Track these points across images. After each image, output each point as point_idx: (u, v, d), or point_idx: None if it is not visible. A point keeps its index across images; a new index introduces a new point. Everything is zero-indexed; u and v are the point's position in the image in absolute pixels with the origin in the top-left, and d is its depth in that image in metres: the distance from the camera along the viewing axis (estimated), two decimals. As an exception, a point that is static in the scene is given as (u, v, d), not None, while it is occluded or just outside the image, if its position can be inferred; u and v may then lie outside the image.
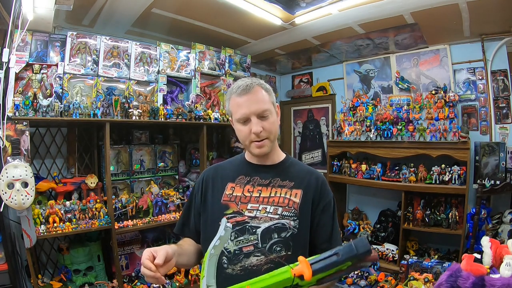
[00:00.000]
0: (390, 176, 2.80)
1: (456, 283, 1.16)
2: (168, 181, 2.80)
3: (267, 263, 0.96)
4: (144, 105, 2.40)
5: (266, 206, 1.02)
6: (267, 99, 1.03)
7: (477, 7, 2.12)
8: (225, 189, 1.07)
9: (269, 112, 1.03)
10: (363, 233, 3.00)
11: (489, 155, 2.49)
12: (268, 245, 0.97)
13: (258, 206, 1.02)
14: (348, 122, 3.11)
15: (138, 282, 2.31)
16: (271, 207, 1.01)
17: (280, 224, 0.99)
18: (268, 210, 1.01)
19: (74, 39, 2.22)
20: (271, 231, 0.99)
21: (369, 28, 2.66)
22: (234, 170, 1.11)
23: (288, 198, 1.03)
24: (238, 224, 1.00)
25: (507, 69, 2.57)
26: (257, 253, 0.97)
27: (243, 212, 1.02)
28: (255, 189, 1.05)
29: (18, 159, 1.76)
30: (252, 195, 1.04)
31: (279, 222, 1.00)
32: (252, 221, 1.00)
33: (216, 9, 2.34)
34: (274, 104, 1.07)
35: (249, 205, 1.02)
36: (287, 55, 3.46)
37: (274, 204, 1.02)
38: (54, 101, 2.02)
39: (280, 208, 1.01)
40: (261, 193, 1.04)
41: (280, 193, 1.04)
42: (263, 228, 0.99)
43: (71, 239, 2.32)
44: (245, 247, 0.98)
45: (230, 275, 0.96)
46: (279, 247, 0.98)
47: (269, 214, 1.00)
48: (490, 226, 2.32)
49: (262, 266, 0.96)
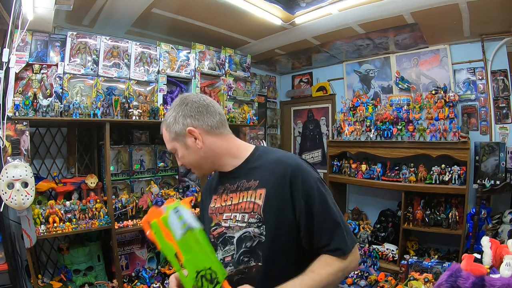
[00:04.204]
0: (390, 176, 2.80)
1: (456, 283, 1.16)
2: (168, 181, 2.80)
3: (237, 274, 0.91)
4: (144, 105, 2.40)
5: (236, 213, 0.96)
6: (167, 138, 1.02)
7: (477, 7, 2.12)
8: (211, 201, 1.06)
9: (174, 149, 1.02)
10: (363, 233, 3.00)
11: (489, 155, 2.49)
12: (237, 255, 0.92)
13: (230, 215, 0.97)
14: (348, 122, 3.11)
15: (138, 282, 2.30)
16: (240, 215, 0.95)
17: (247, 233, 0.92)
18: (238, 218, 0.95)
19: (74, 39, 2.22)
20: (243, 241, 0.92)
21: (369, 28, 2.66)
22: (215, 181, 1.09)
23: (253, 201, 0.93)
24: (220, 236, 0.98)
25: (507, 69, 2.57)
26: (231, 263, 0.93)
27: (220, 223, 0.99)
28: (228, 197, 1.00)
29: (18, 159, 1.76)
30: (226, 204, 0.99)
31: (246, 230, 0.92)
32: (228, 231, 0.96)
33: (216, 9, 2.34)
34: (179, 135, 0.97)
35: (224, 215, 0.99)
36: (287, 55, 3.46)
37: (242, 211, 0.94)
38: (54, 101, 2.02)
39: (247, 214, 0.93)
40: (233, 200, 0.98)
41: (246, 197, 0.95)
42: (237, 238, 0.94)
43: (71, 239, 2.32)
44: (226, 257, 0.95)
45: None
46: (247, 258, 0.91)
47: (238, 223, 0.94)
48: (490, 226, 2.32)
49: (233, 277, 0.90)
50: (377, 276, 2.59)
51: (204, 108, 0.98)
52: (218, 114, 1.00)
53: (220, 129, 1.00)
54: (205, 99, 1.01)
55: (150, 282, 2.30)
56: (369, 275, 2.61)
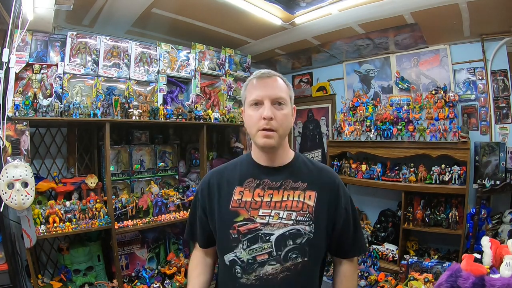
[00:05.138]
0: (390, 176, 2.80)
1: (456, 283, 1.16)
2: (168, 181, 2.80)
3: (283, 271, 0.93)
4: (144, 105, 2.40)
5: (279, 211, 0.96)
6: (285, 89, 0.99)
7: (477, 7, 2.12)
8: (233, 194, 1.00)
9: (285, 101, 0.97)
10: (363, 233, 3.00)
11: (489, 155, 2.49)
12: (283, 252, 0.93)
13: (270, 211, 0.96)
14: (348, 122, 3.11)
15: (138, 282, 2.31)
16: (285, 212, 0.96)
17: (294, 230, 0.94)
18: (281, 215, 0.96)
19: (74, 39, 2.22)
20: (286, 238, 0.94)
21: (369, 28, 2.66)
22: (241, 172, 1.04)
23: (302, 201, 0.97)
24: (250, 232, 0.95)
25: (507, 69, 2.57)
26: (272, 261, 0.93)
27: (254, 219, 0.96)
28: (266, 193, 0.98)
29: (18, 159, 1.76)
30: (263, 199, 0.97)
31: (294, 228, 0.95)
32: (265, 228, 0.95)
33: (216, 9, 2.34)
34: (291, 99, 1.02)
35: (261, 211, 0.96)
36: (287, 55, 3.46)
37: (288, 209, 0.96)
38: (54, 101, 2.02)
39: (294, 213, 0.96)
40: (273, 197, 0.98)
41: (293, 196, 0.97)
42: (277, 235, 0.94)
43: (71, 239, 2.32)
44: (259, 255, 0.94)
45: (244, 284, 0.95)
46: (295, 254, 0.94)
47: (282, 220, 0.95)
48: (490, 226, 2.32)
49: (278, 274, 0.93)
50: (377, 276, 2.59)
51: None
52: None
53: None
54: None
55: (150, 282, 2.30)
56: (369, 275, 2.61)
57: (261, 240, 0.94)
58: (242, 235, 0.95)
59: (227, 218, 0.98)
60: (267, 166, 1.02)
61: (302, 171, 1.03)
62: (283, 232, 0.94)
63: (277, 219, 0.95)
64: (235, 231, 0.96)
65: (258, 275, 0.93)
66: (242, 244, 0.95)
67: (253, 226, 0.95)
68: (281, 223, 0.95)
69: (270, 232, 0.94)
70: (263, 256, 0.94)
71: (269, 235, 0.94)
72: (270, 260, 0.93)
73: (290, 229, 0.94)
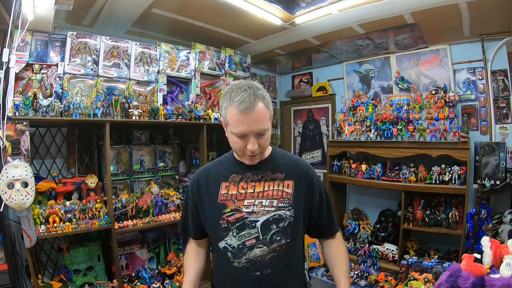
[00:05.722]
0: (390, 176, 2.80)
1: (456, 283, 1.16)
2: (168, 181, 2.80)
3: (269, 252, 1.05)
4: (144, 105, 2.40)
5: (261, 200, 1.08)
6: (267, 116, 1.00)
7: (477, 7, 2.12)
8: (220, 188, 1.11)
9: (267, 130, 1.02)
10: (363, 233, 3.00)
11: (489, 155, 2.49)
12: (268, 236, 1.05)
13: (254, 201, 1.08)
14: (348, 122, 3.11)
15: (138, 282, 2.31)
16: (267, 201, 1.08)
17: (277, 216, 1.07)
18: (264, 204, 1.07)
19: (74, 39, 2.22)
20: (270, 223, 1.06)
21: (369, 28, 2.66)
22: (225, 169, 1.15)
23: (282, 190, 1.10)
24: (238, 221, 1.06)
25: (507, 69, 2.57)
26: (260, 244, 1.05)
27: (240, 209, 1.07)
28: (249, 185, 1.10)
29: (18, 159, 1.76)
30: (247, 191, 1.09)
31: (276, 213, 1.07)
32: (251, 216, 1.06)
33: (216, 9, 2.34)
34: (271, 117, 1.05)
35: (246, 201, 1.08)
36: (287, 55, 3.46)
37: (269, 197, 1.08)
38: (54, 101, 2.02)
39: (275, 200, 1.08)
40: (255, 188, 1.09)
41: (273, 186, 1.10)
42: (262, 221, 1.06)
43: (71, 239, 2.32)
44: (247, 240, 1.05)
45: (237, 268, 1.06)
46: (279, 237, 1.06)
47: (265, 208, 1.07)
48: (490, 226, 2.32)
49: (265, 256, 1.05)
50: (377, 276, 2.59)
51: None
52: None
53: None
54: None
55: (150, 282, 2.31)
56: (369, 275, 2.60)
57: (248, 227, 1.06)
58: (231, 224, 1.06)
59: (216, 211, 1.09)
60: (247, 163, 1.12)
61: (280, 163, 1.15)
62: (267, 218, 1.06)
63: (261, 207, 1.07)
64: (224, 221, 1.07)
65: (248, 258, 1.05)
66: (232, 232, 1.06)
67: (240, 215, 1.07)
68: (265, 210, 1.07)
69: (255, 219, 1.06)
70: (251, 240, 1.05)
71: (255, 221, 1.06)
72: (258, 243, 1.05)
73: (273, 215, 1.07)
